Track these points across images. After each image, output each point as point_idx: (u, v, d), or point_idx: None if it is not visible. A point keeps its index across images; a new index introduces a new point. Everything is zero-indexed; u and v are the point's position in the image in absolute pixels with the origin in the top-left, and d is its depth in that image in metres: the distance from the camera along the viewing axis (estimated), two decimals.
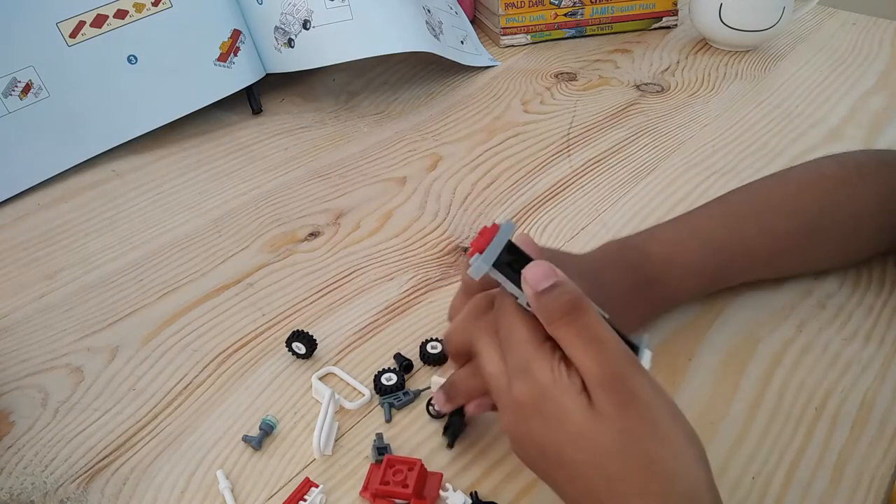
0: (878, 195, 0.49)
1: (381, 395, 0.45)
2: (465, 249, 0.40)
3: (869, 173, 0.50)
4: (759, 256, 0.48)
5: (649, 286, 0.45)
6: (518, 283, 0.34)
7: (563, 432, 0.31)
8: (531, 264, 0.33)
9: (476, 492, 0.39)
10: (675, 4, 0.91)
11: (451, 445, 0.42)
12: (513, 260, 0.34)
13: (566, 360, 0.32)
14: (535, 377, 0.31)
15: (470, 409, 0.40)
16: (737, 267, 0.48)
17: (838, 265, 0.53)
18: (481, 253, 0.34)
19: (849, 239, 0.50)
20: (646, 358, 0.35)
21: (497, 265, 0.34)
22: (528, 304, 0.33)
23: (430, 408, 0.44)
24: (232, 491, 0.40)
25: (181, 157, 0.71)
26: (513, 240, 0.35)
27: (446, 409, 0.40)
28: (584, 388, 0.31)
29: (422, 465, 0.39)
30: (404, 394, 0.45)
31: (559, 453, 0.31)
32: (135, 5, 0.69)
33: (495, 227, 0.35)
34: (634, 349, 0.35)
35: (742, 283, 0.50)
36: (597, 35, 0.91)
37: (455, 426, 0.42)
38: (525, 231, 0.59)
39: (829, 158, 0.52)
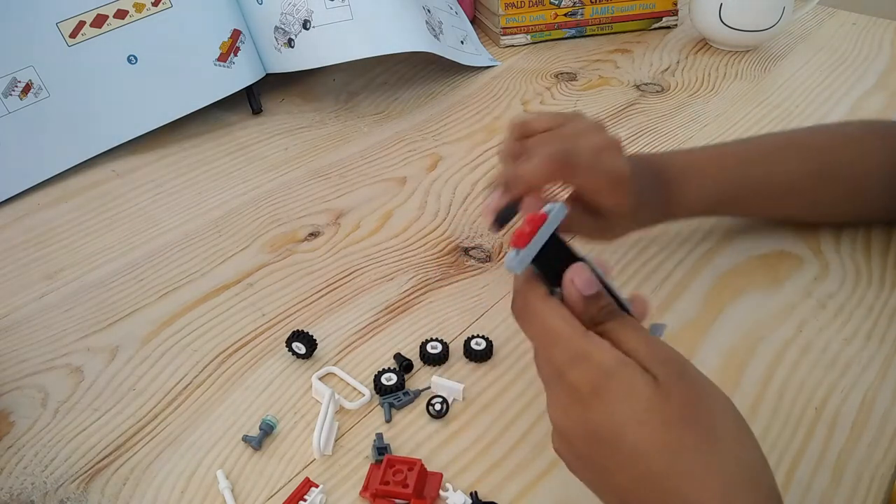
0: (892, 162, 0.51)
1: (381, 395, 0.45)
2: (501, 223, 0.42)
3: (891, 139, 0.52)
4: (771, 191, 0.52)
5: (665, 187, 0.49)
6: (553, 278, 0.34)
7: (629, 411, 0.30)
8: (576, 268, 0.33)
9: (476, 492, 0.39)
10: (675, 4, 0.91)
11: (499, 226, 0.41)
12: (553, 252, 0.33)
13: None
14: (597, 361, 0.31)
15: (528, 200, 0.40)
16: (747, 196, 0.52)
17: (845, 218, 0.56)
18: (523, 247, 0.33)
19: (856, 195, 0.53)
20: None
21: (537, 261, 0.33)
22: (559, 294, 0.34)
23: (430, 408, 0.44)
24: (232, 491, 0.40)
25: (181, 158, 0.71)
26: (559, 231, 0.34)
27: (503, 201, 0.40)
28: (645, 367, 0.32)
29: (422, 465, 0.39)
30: (404, 394, 0.45)
31: (618, 436, 0.31)
32: (135, 5, 0.69)
33: (543, 218, 0.33)
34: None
35: (753, 215, 0.55)
36: (597, 35, 0.91)
37: (509, 209, 0.40)
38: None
39: (860, 121, 0.56)
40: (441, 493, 0.39)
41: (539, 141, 0.44)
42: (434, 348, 0.47)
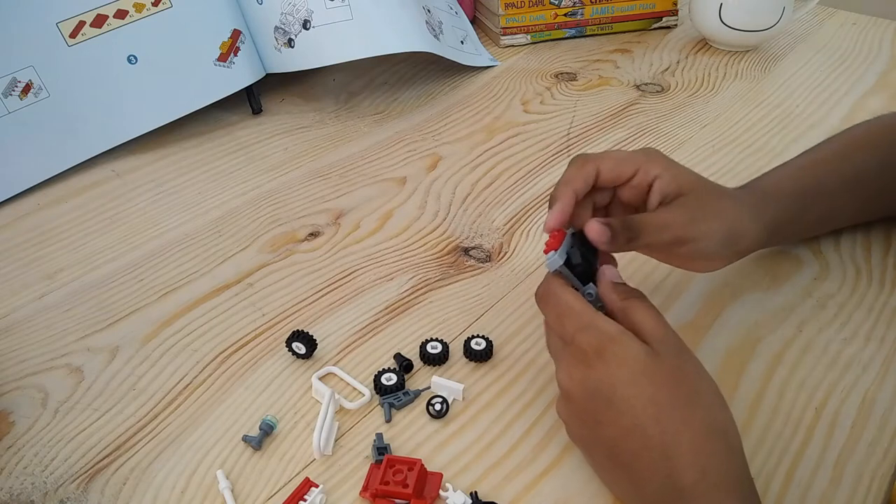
0: None
1: (381, 395, 0.45)
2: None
3: None
4: (839, 186, 0.51)
5: (762, 203, 0.48)
6: (582, 280, 0.41)
7: (624, 371, 0.35)
8: (607, 267, 0.41)
9: (476, 492, 0.39)
10: (675, 4, 0.91)
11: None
12: (583, 255, 0.40)
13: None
14: (601, 328, 0.37)
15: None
16: (821, 196, 0.51)
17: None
18: (556, 250, 0.40)
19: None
20: None
21: (567, 263, 0.40)
22: (587, 295, 0.40)
23: (430, 408, 0.44)
24: (232, 491, 0.40)
25: (181, 158, 0.71)
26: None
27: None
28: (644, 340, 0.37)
29: (422, 465, 0.39)
30: (404, 394, 0.45)
31: (612, 392, 0.35)
32: (135, 5, 0.69)
33: (563, 233, 0.41)
34: None
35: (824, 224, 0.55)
36: (597, 35, 0.91)
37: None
38: (526, 231, 0.59)
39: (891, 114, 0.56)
40: (441, 493, 0.39)
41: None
42: (434, 348, 0.47)
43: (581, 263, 0.40)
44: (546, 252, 0.40)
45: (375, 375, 0.45)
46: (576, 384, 0.37)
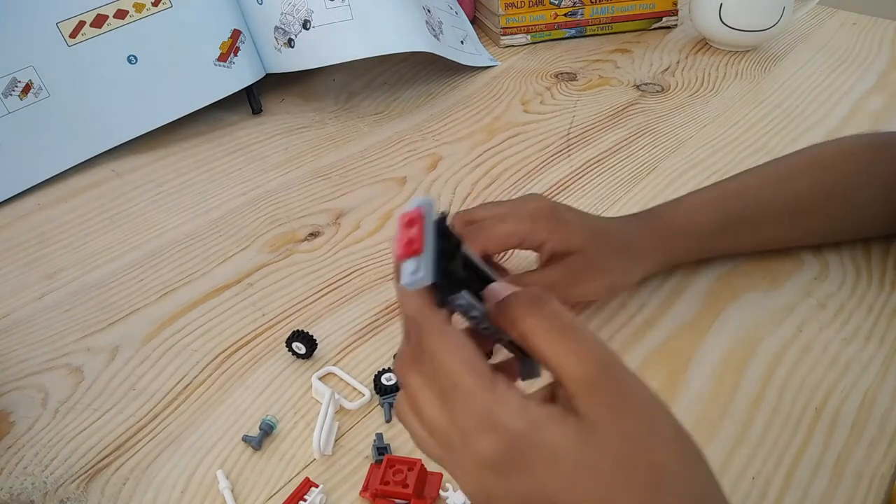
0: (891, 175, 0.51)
1: (381, 395, 0.45)
2: None
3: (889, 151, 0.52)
4: (779, 213, 0.51)
5: (666, 243, 0.50)
6: (447, 280, 0.27)
7: (557, 475, 0.26)
8: (496, 285, 0.29)
9: None
10: (675, 4, 0.91)
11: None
12: (447, 248, 0.27)
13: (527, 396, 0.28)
14: (507, 427, 0.26)
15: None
16: (754, 219, 0.51)
17: (846, 237, 0.55)
18: (420, 252, 0.26)
19: (857, 211, 0.52)
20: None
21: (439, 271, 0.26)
22: (470, 317, 0.29)
23: None
24: (232, 491, 0.40)
25: (181, 158, 0.71)
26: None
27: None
28: (564, 404, 0.27)
29: (422, 465, 0.39)
30: None
31: (553, 502, 0.27)
32: (135, 5, 0.69)
33: (419, 214, 0.27)
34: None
35: (754, 244, 0.53)
36: (597, 35, 0.90)
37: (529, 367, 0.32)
38: None
39: (858, 136, 0.56)
40: (441, 493, 0.39)
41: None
42: None
43: (462, 273, 0.28)
44: (401, 256, 0.26)
45: (375, 375, 0.45)
46: (496, 494, 0.28)
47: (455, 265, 0.28)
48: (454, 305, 0.29)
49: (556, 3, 0.87)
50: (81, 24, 0.67)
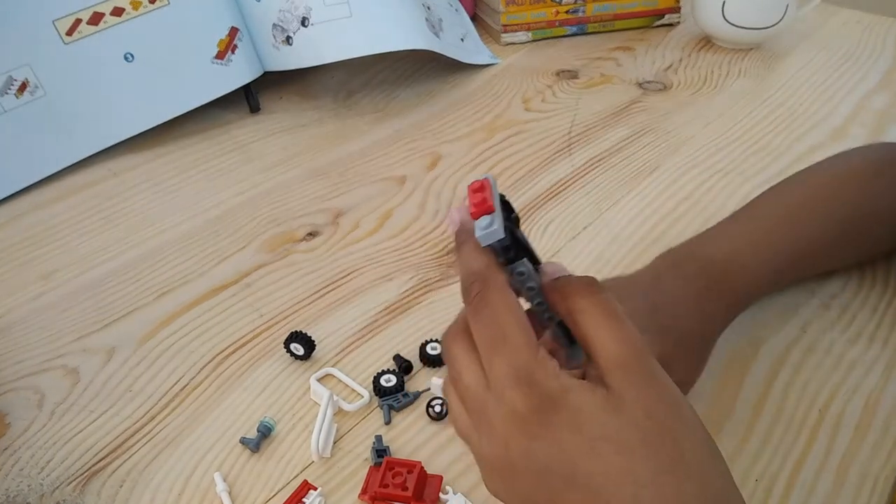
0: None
1: (380, 397, 0.44)
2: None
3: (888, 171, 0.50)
4: (804, 258, 0.48)
5: (713, 290, 0.43)
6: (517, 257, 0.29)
7: (579, 440, 0.27)
8: (549, 263, 0.31)
9: None
10: (678, 1, 0.90)
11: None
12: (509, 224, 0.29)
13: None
14: (541, 385, 0.27)
15: None
16: (789, 269, 0.48)
17: (856, 261, 0.53)
18: (492, 211, 0.28)
19: (866, 239, 0.51)
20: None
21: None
22: (527, 288, 0.30)
23: (430, 409, 0.43)
24: (229, 493, 0.40)
25: (178, 157, 0.70)
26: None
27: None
28: (598, 379, 0.28)
29: (422, 467, 0.39)
30: (404, 395, 0.44)
31: (571, 468, 0.27)
32: (131, 3, 0.69)
33: (487, 182, 0.29)
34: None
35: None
36: (598, 32, 0.90)
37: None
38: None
39: (863, 152, 0.53)
40: (441, 495, 0.39)
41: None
42: (434, 349, 0.47)
43: (525, 239, 0.30)
44: (475, 214, 0.28)
45: (374, 377, 0.45)
46: (517, 458, 0.28)
47: (519, 232, 0.30)
48: (515, 273, 0.30)
49: (558, 0, 0.87)
50: (78, 21, 0.67)
